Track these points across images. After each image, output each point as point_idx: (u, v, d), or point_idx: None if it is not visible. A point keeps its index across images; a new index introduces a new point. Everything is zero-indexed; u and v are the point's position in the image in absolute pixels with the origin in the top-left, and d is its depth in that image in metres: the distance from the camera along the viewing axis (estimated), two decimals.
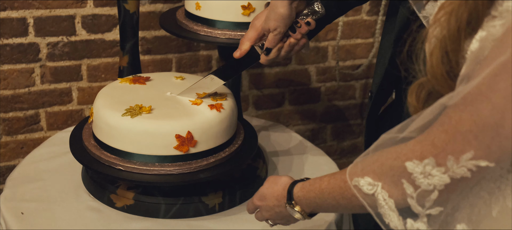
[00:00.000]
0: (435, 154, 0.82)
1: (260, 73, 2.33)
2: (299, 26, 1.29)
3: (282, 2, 1.25)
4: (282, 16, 1.26)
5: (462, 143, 0.79)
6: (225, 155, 1.39)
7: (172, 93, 1.41)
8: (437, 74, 0.83)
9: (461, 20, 0.80)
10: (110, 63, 2.12)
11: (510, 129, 0.75)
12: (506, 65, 0.74)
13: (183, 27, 1.56)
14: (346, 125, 2.53)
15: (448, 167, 0.81)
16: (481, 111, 0.76)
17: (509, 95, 0.74)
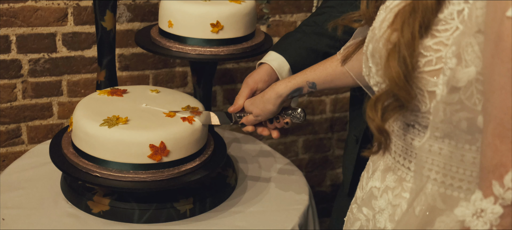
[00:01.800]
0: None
1: (234, 88, 2.43)
2: (278, 121, 1.43)
3: (275, 101, 1.38)
4: (269, 111, 1.40)
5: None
6: (196, 164, 1.48)
7: (148, 105, 1.51)
8: (396, 78, 0.89)
9: (414, 27, 0.89)
10: (89, 78, 2.21)
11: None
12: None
13: (156, 44, 1.66)
14: (317, 139, 2.63)
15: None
16: None
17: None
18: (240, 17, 1.62)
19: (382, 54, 0.92)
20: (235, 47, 1.62)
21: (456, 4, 0.87)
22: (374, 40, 0.97)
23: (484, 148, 0.83)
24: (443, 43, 0.89)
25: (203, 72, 1.74)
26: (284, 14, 2.39)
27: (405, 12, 0.90)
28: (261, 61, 1.50)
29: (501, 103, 0.79)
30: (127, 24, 2.20)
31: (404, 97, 0.90)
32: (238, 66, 2.40)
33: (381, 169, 1.08)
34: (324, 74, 1.34)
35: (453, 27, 0.88)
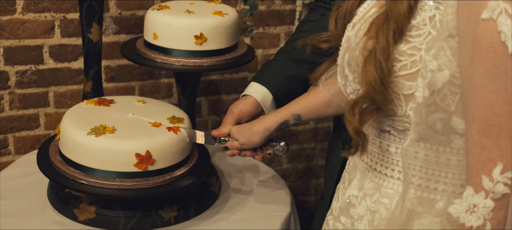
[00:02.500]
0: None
1: (219, 99, 2.47)
2: (261, 151, 1.49)
3: (262, 134, 1.44)
4: (255, 143, 1.46)
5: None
6: (180, 173, 1.52)
7: (134, 114, 1.55)
8: (373, 82, 0.93)
9: (388, 33, 0.94)
10: (76, 90, 2.25)
11: None
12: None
13: (141, 55, 1.70)
14: (300, 149, 2.68)
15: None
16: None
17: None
18: (223, 29, 1.66)
19: (359, 61, 0.96)
20: (218, 59, 1.67)
21: (428, 11, 0.92)
22: (350, 49, 1.01)
23: (470, 146, 0.87)
24: (417, 48, 0.93)
25: (188, 83, 1.78)
26: (268, 27, 2.44)
27: (379, 20, 0.95)
28: (245, 93, 1.55)
29: (483, 102, 0.83)
30: (113, 36, 2.24)
31: (381, 101, 0.95)
32: (223, 77, 2.45)
33: (357, 178, 1.11)
34: (307, 105, 1.40)
35: (425, 32, 0.92)
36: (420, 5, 0.93)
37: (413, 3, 0.93)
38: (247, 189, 1.77)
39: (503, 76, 0.82)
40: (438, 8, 0.91)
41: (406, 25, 0.93)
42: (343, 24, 1.11)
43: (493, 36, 0.81)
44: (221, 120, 2.47)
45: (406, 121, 0.99)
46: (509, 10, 0.80)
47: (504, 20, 0.80)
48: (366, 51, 0.95)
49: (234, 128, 1.50)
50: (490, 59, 0.82)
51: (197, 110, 2.43)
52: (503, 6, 0.80)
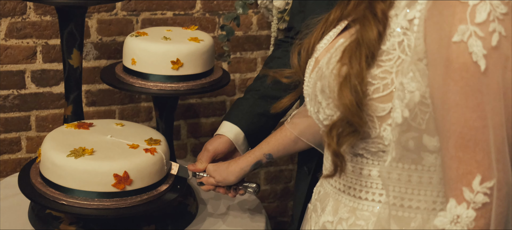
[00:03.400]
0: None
1: (197, 122, 2.53)
2: (235, 189, 1.59)
3: (238, 174, 1.54)
4: (230, 181, 1.56)
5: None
6: (158, 192, 1.57)
7: (113, 136, 1.61)
8: (350, 105, 0.98)
9: (361, 58, 0.99)
10: (57, 114, 2.30)
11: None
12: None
13: (120, 80, 1.76)
14: (278, 171, 2.74)
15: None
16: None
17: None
18: (199, 54, 1.73)
19: (333, 86, 1.02)
20: (194, 83, 1.74)
21: (396, 37, 0.98)
22: (322, 77, 1.06)
23: (448, 161, 0.92)
24: (388, 71, 0.99)
25: (165, 106, 1.84)
26: (245, 51, 2.52)
27: (351, 47, 1.01)
28: (218, 133, 1.64)
29: (458, 118, 0.89)
30: (94, 61, 2.31)
31: (357, 122, 1.00)
32: (201, 101, 2.52)
33: (331, 204, 1.15)
34: (276, 144, 1.50)
35: (395, 56, 0.98)
36: (389, 32, 0.99)
37: (382, 29, 0.99)
38: (224, 209, 1.83)
39: (476, 93, 0.88)
40: (406, 34, 0.97)
41: (377, 50, 0.99)
42: (305, 59, 1.17)
43: (465, 57, 0.88)
44: (200, 143, 2.53)
45: (380, 142, 1.03)
46: (478, 33, 0.87)
47: (474, 41, 0.87)
48: (341, 77, 1.00)
49: (211, 166, 1.58)
50: (464, 78, 0.88)
51: (177, 133, 2.49)
52: (472, 29, 0.87)
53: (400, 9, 0.99)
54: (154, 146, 1.59)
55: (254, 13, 2.48)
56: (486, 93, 0.88)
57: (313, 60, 1.14)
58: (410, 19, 0.97)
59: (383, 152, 1.05)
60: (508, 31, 0.88)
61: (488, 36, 0.87)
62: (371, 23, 0.99)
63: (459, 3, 0.88)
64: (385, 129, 1.01)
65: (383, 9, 1.00)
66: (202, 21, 2.42)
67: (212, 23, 2.44)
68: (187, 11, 2.39)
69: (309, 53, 1.16)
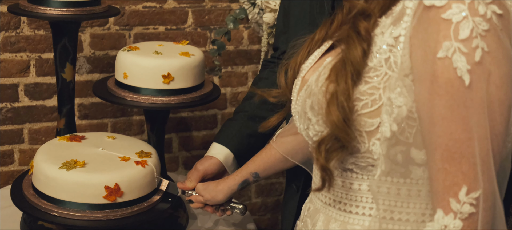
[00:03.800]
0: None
1: (189, 136, 2.56)
2: (222, 210, 1.62)
3: (226, 192, 1.56)
4: (219, 200, 1.58)
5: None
6: (148, 204, 1.60)
7: (104, 149, 1.63)
8: (337, 121, 1.01)
9: (347, 76, 1.02)
10: (50, 127, 2.33)
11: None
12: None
13: (112, 94, 1.79)
14: (268, 183, 2.77)
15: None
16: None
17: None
18: (190, 69, 1.77)
19: (322, 103, 1.04)
20: (185, 97, 1.77)
21: (383, 53, 1.01)
22: (311, 94, 1.09)
23: (434, 173, 0.95)
24: (376, 87, 1.01)
25: (156, 119, 1.88)
26: (236, 66, 2.55)
27: (337, 66, 1.04)
28: (208, 154, 1.68)
29: (444, 131, 0.92)
30: (87, 75, 2.34)
31: (345, 138, 1.02)
32: (193, 114, 2.55)
33: (322, 219, 1.17)
34: (262, 163, 1.54)
35: (382, 73, 1.01)
36: (375, 49, 1.02)
37: (366, 47, 1.02)
38: (214, 222, 1.85)
39: (461, 107, 0.91)
40: (392, 51, 1.00)
41: (363, 68, 1.02)
42: (292, 79, 1.20)
43: (449, 72, 0.90)
44: (191, 156, 2.56)
45: (369, 156, 1.05)
46: (462, 49, 0.90)
47: (458, 57, 0.90)
48: (328, 94, 1.03)
49: (200, 185, 1.62)
50: (449, 93, 0.91)
51: (168, 146, 2.52)
52: (456, 45, 0.90)
53: (385, 27, 1.02)
54: (145, 159, 1.62)
55: (245, 28, 2.52)
56: (470, 106, 0.91)
57: (299, 79, 1.17)
58: (396, 37, 1.00)
59: (372, 167, 1.07)
60: (490, 47, 0.92)
61: (472, 52, 0.90)
62: (355, 42, 1.02)
63: (443, 20, 0.92)
64: (374, 143, 1.04)
65: (366, 27, 1.03)
66: (193, 35, 2.45)
67: (204, 37, 2.48)
68: (179, 26, 2.43)
69: (295, 72, 1.19)
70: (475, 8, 0.91)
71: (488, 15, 0.91)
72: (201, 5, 2.45)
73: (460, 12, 0.91)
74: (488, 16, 0.91)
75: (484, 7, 0.91)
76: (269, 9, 2.16)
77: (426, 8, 0.93)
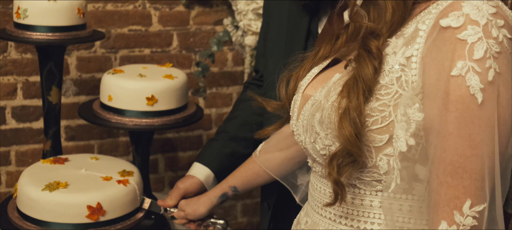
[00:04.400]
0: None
1: (175, 156, 2.60)
2: (205, 226, 1.66)
3: (207, 205, 1.60)
4: (200, 213, 1.62)
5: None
6: (130, 223, 1.63)
7: (87, 170, 1.67)
8: (349, 136, 1.04)
9: (359, 93, 1.06)
10: (36, 148, 2.36)
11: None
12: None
13: (97, 116, 1.83)
14: (254, 203, 2.80)
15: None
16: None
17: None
18: (173, 91, 1.81)
19: (332, 119, 1.08)
20: (168, 118, 1.81)
21: (395, 72, 1.05)
22: (321, 109, 1.12)
23: (436, 186, 0.99)
24: (386, 105, 1.05)
25: (141, 141, 1.91)
26: (220, 87, 2.60)
27: (349, 83, 1.08)
28: (190, 174, 1.71)
29: (450, 147, 0.96)
30: (73, 97, 2.37)
31: (357, 153, 1.05)
32: (178, 135, 2.59)
33: None
34: (241, 177, 1.58)
35: (393, 91, 1.05)
36: (387, 68, 1.06)
37: (378, 65, 1.06)
38: None
39: (469, 124, 0.95)
40: (404, 70, 1.04)
41: (374, 85, 1.05)
42: (293, 91, 1.24)
43: (462, 90, 0.95)
44: (177, 176, 2.59)
45: (375, 171, 1.08)
46: (476, 68, 0.95)
47: (472, 76, 0.95)
48: (341, 109, 1.06)
49: (183, 201, 1.67)
50: (459, 110, 0.96)
51: (154, 167, 2.55)
52: (470, 65, 0.95)
53: (398, 47, 1.06)
54: (127, 178, 1.65)
55: (229, 50, 2.57)
56: (478, 124, 0.96)
57: (299, 95, 1.21)
58: (408, 57, 1.04)
59: (377, 182, 1.10)
60: (501, 69, 0.97)
61: (485, 72, 0.95)
62: (366, 60, 1.07)
63: (459, 40, 0.96)
64: (381, 159, 1.07)
65: (377, 45, 1.07)
66: (178, 58, 2.50)
67: (189, 59, 2.52)
68: (164, 49, 2.48)
69: (295, 85, 1.24)
70: (489, 30, 0.96)
71: (500, 38, 0.97)
72: (185, 28, 2.50)
73: (475, 33, 0.96)
74: (500, 39, 0.97)
75: (497, 31, 0.97)
76: (251, 32, 2.21)
77: (442, 29, 0.98)
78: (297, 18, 1.60)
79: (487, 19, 0.97)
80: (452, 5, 0.99)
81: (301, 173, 1.51)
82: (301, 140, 1.19)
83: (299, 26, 1.59)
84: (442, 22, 0.98)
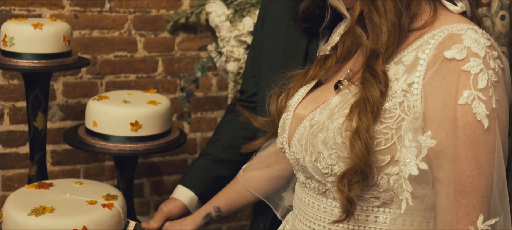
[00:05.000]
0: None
1: (160, 180, 2.63)
2: None
3: (191, 224, 1.64)
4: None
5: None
6: None
7: (72, 194, 1.70)
8: (361, 155, 1.10)
9: (368, 114, 1.11)
10: (23, 173, 2.38)
11: None
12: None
13: (82, 141, 1.87)
14: (239, 225, 2.83)
15: None
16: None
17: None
18: (156, 117, 1.85)
19: (338, 140, 1.14)
20: (152, 143, 1.85)
21: (398, 97, 1.11)
22: (325, 130, 1.17)
23: (447, 205, 1.06)
24: (389, 128, 1.11)
25: (125, 165, 1.95)
26: (205, 111, 2.64)
27: (359, 104, 1.14)
28: (173, 196, 1.74)
29: (458, 168, 1.05)
30: (59, 122, 2.41)
31: (368, 170, 1.11)
32: (163, 159, 2.62)
33: None
34: (225, 198, 1.62)
35: (396, 114, 1.11)
36: (391, 92, 1.13)
37: (384, 88, 1.13)
38: None
39: (476, 147, 1.04)
40: (406, 96, 1.11)
41: (381, 107, 1.12)
42: (282, 108, 1.29)
43: (469, 117, 1.03)
44: (162, 199, 2.62)
45: (375, 189, 1.15)
46: (481, 97, 1.04)
47: (478, 104, 1.04)
48: (351, 130, 1.12)
49: (167, 223, 1.70)
50: (466, 134, 1.04)
51: (140, 191, 2.59)
52: (475, 94, 1.04)
53: (400, 74, 1.13)
54: (111, 201, 1.68)
55: (214, 75, 2.62)
56: (484, 147, 1.05)
57: (290, 113, 1.27)
58: (410, 83, 1.10)
59: (375, 199, 1.16)
60: (499, 96, 1.06)
61: (489, 99, 1.04)
62: (372, 83, 1.14)
63: (463, 71, 1.05)
64: (382, 177, 1.13)
65: (382, 69, 1.14)
66: (164, 83, 2.55)
67: (174, 85, 2.57)
68: (150, 74, 2.52)
69: (285, 103, 1.29)
70: (488, 62, 1.05)
71: (496, 69, 1.06)
72: (170, 53, 2.55)
73: (478, 65, 1.04)
74: (497, 70, 1.06)
75: (493, 62, 1.06)
76: (233, 58, 2.26)
77: (446, 60, 1.06)
78: (295, 40, 1.64)
79: (485, 52, 1.05)
80: (452, 37, 1.08)
81: (287, 194, 1.55)
82: (299, 158, 1.23)
83: (297, 49, 1.63)
84: (447, 54, 1.06)
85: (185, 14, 2.47)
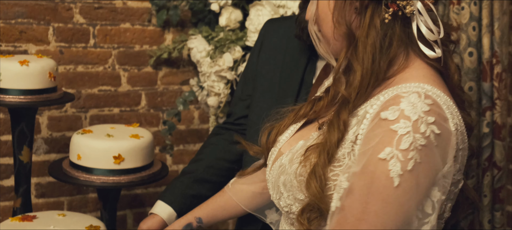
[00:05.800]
0: None
1: (143, 212, 2.68)
2: None
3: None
4: None
5: None
6: None
7: (55, 227, 1.75)
8: (317, 192, 1.16)
9: (325, 155, 1.18)
10: (7, 206, 2.42)
11: None
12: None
13: (66, 174, 1.92)
14: None
15: None
16: None
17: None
18: (139, 150, 1.91)
19: (293, 183, 1.22)
20: (134, 176, 1.91)
21: (347, 148, 1.19)
22: (285, 173, 1.26)
23: None
24: (337, 174, 1.18)
25: (108, 198, 2.00)
26: (187, 144, 2.70)
27: (319, 145, 1.22)
28: (152, 212, 1.78)
29: (358, 209, 1.10)
30: (44, 155, 2.46)
31: (324, 207, 1.18)
32: (146, 191, 2.67)
33: None
34: (208, 209, 1.65)
35: (345, 163, 1.18)
36: (344, 143, 1.20)
37: (341, 137, 1.20)
38: None
39: (380, 200, 1.09)
40: (353, 147, 1.18)
41: (335, 153, 1.19)
42: (272, 141, 1.36)
43: (384, 172, 1.09)
44: None
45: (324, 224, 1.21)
46: (400, 156, 1.10)
47: (394, 162, 1.10)
48: (309, 169, 1.19)
49: None
50: (374, 185, 1.10)
51: (123, 222, 2.63)
52: (396, 153, 1.10)
53: (351, 126, 1.21)
54: None
55: (196, 108, 2.68)
56: (386, 201, 1.10)
57: (276, 149, 1.34)
58: (356, 135, 1.18)
59: None
60: (422, 159, 1.11)
61: (406, 161, 1.10)
62: (335, 129, 1.21)
63: (391, 130, 1.11)
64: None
65: (345, 120, 1.21)
66: (146, 116, 2.61)
67: (156, 118, 2.63)
68: (133, 108, 2.58)
69: (275, 139, 1.36)
70: (418, 126, 1.11)
71: (427, 133, 1.11)
72: (153, 88, 2.62)
73: (406, 127, 1.10)
74: (427, 134, 1.11)
75: (425, 126, 1.11)
76: (214, 93, 2.34)
77: (381, 119, 1.13)
78: (291, 67, 1.72)
79: (418, 116, 1.11)
80: (394, 98, 1.15)
81: (270, 212, 1.61)
82: (270, 194, 1.32)
83: (293, 76, 1.71)
84: (382, 114, 1.13)
85: (168, 50, 2.54)
